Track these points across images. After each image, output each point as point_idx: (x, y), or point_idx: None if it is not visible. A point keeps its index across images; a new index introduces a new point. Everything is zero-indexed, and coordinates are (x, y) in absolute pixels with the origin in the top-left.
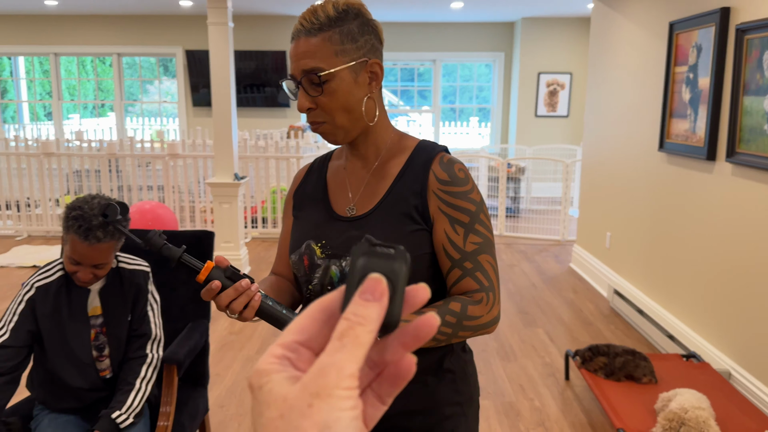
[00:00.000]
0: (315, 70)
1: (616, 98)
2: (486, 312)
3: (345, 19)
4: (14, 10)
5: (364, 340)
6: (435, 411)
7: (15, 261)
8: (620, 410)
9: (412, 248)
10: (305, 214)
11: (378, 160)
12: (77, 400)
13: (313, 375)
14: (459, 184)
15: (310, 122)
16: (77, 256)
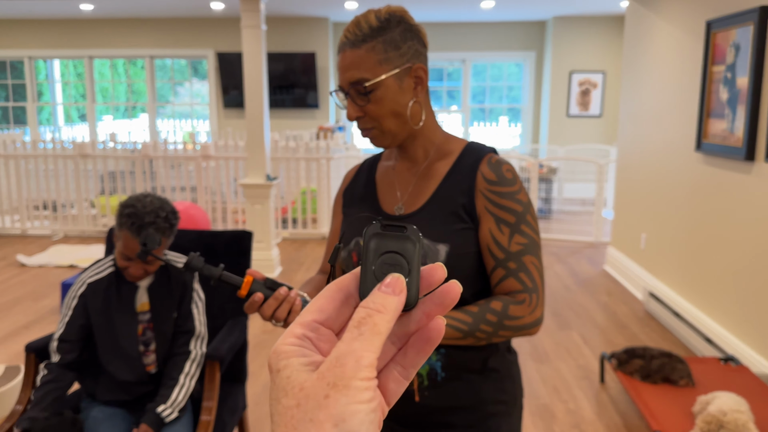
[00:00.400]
0: (360, 81)
1: (652, 98)
2: (528, 313)
3: (387, 28)
4: (51, 14)
5: (383, 329)
6: (479, 408)
7: (52, 260)
8: (657, 413)
9: (458, 246)
10: (354, 212)
11: (426, 160)
12: (124, 393)
13: (331, 364)
14: (506, 184)
15: (360, 129)
16: (129, 251)
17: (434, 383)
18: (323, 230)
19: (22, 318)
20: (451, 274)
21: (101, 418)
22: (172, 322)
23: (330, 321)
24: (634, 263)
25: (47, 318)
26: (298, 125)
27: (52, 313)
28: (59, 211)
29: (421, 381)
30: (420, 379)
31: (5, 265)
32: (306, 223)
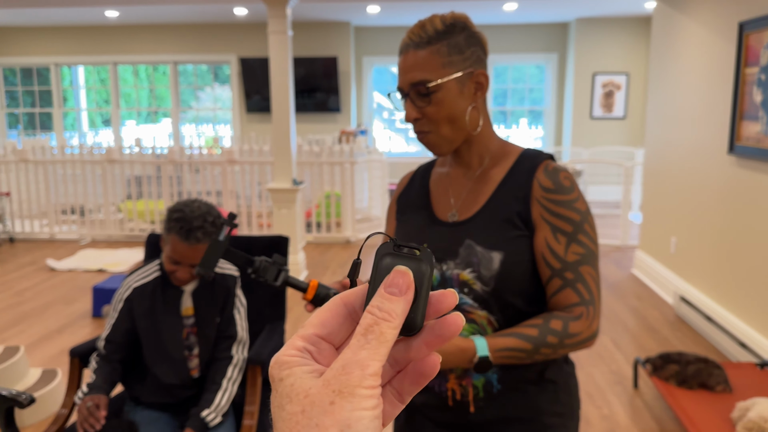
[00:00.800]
0: (423, 82)
1: (681, 100)
2: (586, 327)
3: (452, 32)
4: (77, 22)
5: (389, 337)
6: (535, 420)
7: (81, 265)
8: (696, 419)
9: (512, 254)
10: (408, 218)
11: (481, 167)
12: (169, 396)
13: (336, 372)
14: (564, 192)
15: (417, 132)
16: (177, 255)
17: (490, 395)
18: (347, 234)
19: (54, 322)
20: (506, 281)
21: (145, 422)
22: (215, 327)
23: (332, 336)
24: (663, 267)
25: (79, 322)
26: (319, 129)
27: (83, 317)
28: (86, 216)
29: (477, 392)
30: (475, 390)
31: (35, 270)
32: (330, 227)
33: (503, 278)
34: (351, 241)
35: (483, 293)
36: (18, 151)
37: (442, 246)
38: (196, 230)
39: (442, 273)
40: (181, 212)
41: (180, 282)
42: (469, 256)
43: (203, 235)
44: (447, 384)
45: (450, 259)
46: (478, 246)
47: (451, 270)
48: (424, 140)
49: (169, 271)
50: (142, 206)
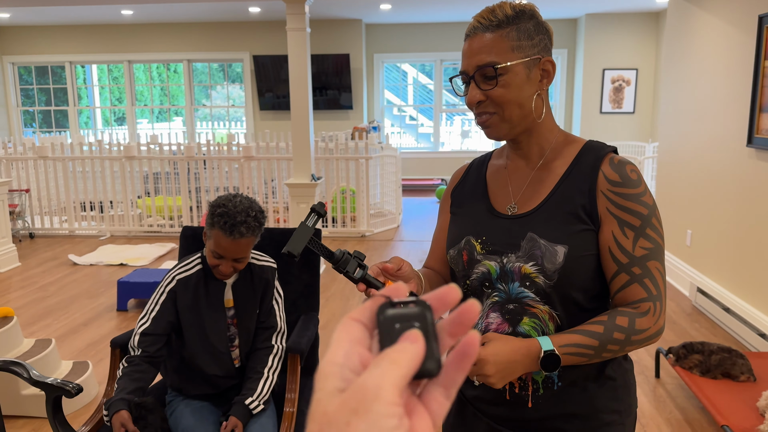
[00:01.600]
0: (491, 64)
1: (696, 93)
2: (653, 323)
3: (522, 18)
4: (91, 20)
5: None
6: (594, 416)
7: (102, 259)
8: (722, 408)
9: (577, 248)
10: (465, 211)
11: (542, 159)
12: (211, 387)
13: (353, 391)
14: (631, 185)
15: (479, 113)
16: (221, 250)
17: (550, 391)
18: (362, 228)
19: (80, 316)
20: (569, 276)
21: (189, 412)
22: (254, 318)
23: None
24: (679, 260)
25: (104, 315)
26: (332, 126)
27: (108, 311)
28: (105, 212)
29: (536, 388)
30: (535, 385)
31: (58, 264)
32: (345, 222)
33: (567, 272)
34: (366, 236)
35: (545, 287)
36: (37, 147)
37: (502, 238)
38: (240, 225)
39: (502, 266)
40: (225, 207)
41: (223, 276)
42: (532, 249)
43: (246, 229)
44: None
45: (511, 252)
46: (542, 239)
47: (512, 263)
48: (486, 122)
49: (213, 266)
50: (160, 202)
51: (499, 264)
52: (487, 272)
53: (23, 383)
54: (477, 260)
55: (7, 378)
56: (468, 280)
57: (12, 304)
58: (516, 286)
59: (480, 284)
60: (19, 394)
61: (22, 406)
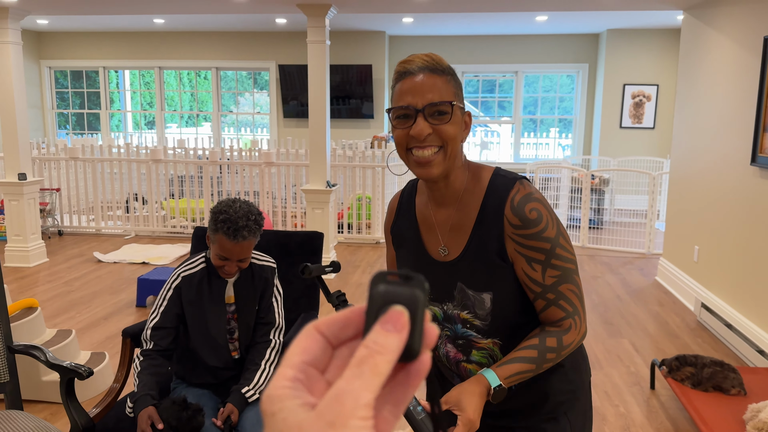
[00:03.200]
0: (448, 101)
1: (707, 111)
2: (577, 334)
3: (454, 73)
4: (126, 27)
5: (382, 370)
6: (549, 400)
7: (126, 258)
8: (708, 419)
9: (500, 292)
10: (404, 254)
11: (456, 202)
12: (212, 377)
13: (329, 402)
14: (530, 226)
15: (424, 147)
16: (225, 252)
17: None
18: (377, 235)
19: (101, 310)
20: (500, 314)
21: (191, 398)
22: (254, 314)
23: (316, 362)
24: (686, 275)
25: (124, 310)
26: (353, 134)
27: (128, 306)
28: (131, 212)
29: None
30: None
31: (83, 261)
32: (360, 228)
33: (497, 313)
34: (380, 242)
35: (483, 326)
36: (68, 149)
37: (439, 288)
38: (242, 229)
39: (444, 311)
40: (226, 213)
41: (228, 275)
42: (463, 300)
43: (248, 233)
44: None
45: (449, 301)
46: (469, 290)
47: (451, 310)
48: (433, 159)
49: (218, 266)
50: (183, 204)
51: (441, 309)
52: (433, 315)
53: (43, 370)
54: None
55: (27, 365)
56: None
57: (38, 297)
58: (459, 327)
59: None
60: (39, 380)
61: (41, 391)
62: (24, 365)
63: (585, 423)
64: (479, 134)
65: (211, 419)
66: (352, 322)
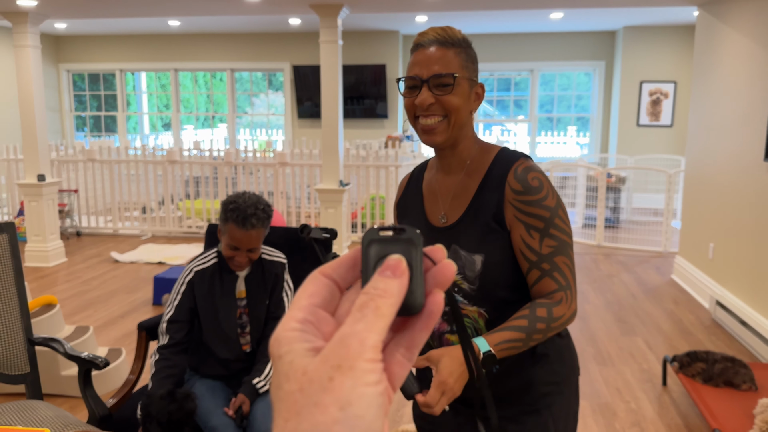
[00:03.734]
0: (451, 73)
1: (722, 108)
2: (567, 309)
3: (467, 46)
4: (142, 30)
5: (385, 312)
6: (532, 390)
7: (142, 257)
8: (717, 413)
9: (492, 255)
10: (407, 223)
11: (463, 171)
12: (224, 369)
13: (334, 346)
14: (533, 192)
15: (427, 116)
16: (235, 242)
17: (490, 375)
18: None
19: (118, 309)
20: (488, 279)
21: (204, 390)
22: (265, 308)
23: (325, 303)
24: (701, 272)
25: (141, 309)
26: (367, 134)
27: (145, 305)
28: (148, 213)
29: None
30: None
31: (100, 261)
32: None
33: (486, 277)
34: None
35: (470, 291)
36: (86, 151)
37: None
38: (251, 217)
39: None
40: (236, 203)
41: (238, 266)
42: (455, 260)
43: (257, 221)
44: None
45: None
46: (462, 250)
47: None
48: (435, 127)
49: (229, 257)
50: (199, 205)
51: None
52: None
53: (62, 365)
54: None
55: (48, 360)
56: None
57: (57, 296)
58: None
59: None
60: (59, 374)
61: (60, 385)
62: (44, 360)
63: (568, 422)
64: (495, 133)
65: (223, 409)
66: (358, 262)
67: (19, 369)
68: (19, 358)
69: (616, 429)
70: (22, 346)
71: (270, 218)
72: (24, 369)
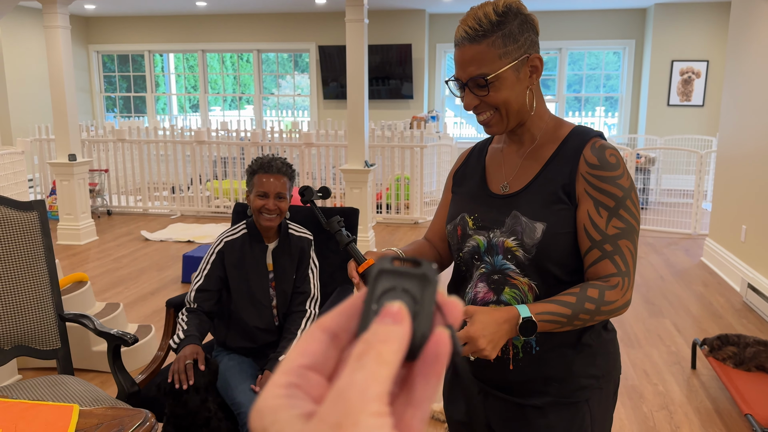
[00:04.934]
0: (481, 75)
1: (756, 88)
2: (621, 296)
3: (506, 21)
4: (169, 11)
5: (389, 358)
6: (571, 380)
7: (172, 236)
8: (749, 398)
9: (554, 225)
10: (463, 191)
11: (533, 144)
12: (251, 340)
13: (331, 402)
14: (608, 168)
15: (478, 113)
16: (263, 187)
17: (528, 355)
18: (415, 215)
19: (148, 286)
20: (546, 250)
21: (232, 365)
22: (291, 283)
23: (318, 365)
24: (732, 255)
25: (170, 286)
26: (392, 115)
27: (174, 282)
28: (177, 193)
29: (516, 352)
30: (515, 350)
31: (131, 239)
32: (399, 209)
33: (544, 247)
34: (419, 223)
35: (525, 260)
36: (115, 131)
37: (491, 216)
38: (275, 160)
39: (489, 240)
40: (260, 157)
41: (269, 219)
42: (514, 225)
43: (281, 164)
44: None
45: (497, 228)
46: (523, 217)
47: (497, 238)
48: (485, 121)
49: (258, 209)
50: (227, 185)
51: (486, 238)
52: (476, 246)
53: (93, 341)
54: (469, 235)
55: (79, 336)
56: (461, 253)
57: (88, 273)
58: (500, 259)
59: (470, 257)
60: (90, 350)
61: (91, 360)
62: (75, 336)
63: (605, 420)
64: None
65: (251, 386)
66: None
67: (50, 344)
68: (50, 333)
69: (643, 412)
70: (52, 322)
71: (293, 173)
72: (55, 344)
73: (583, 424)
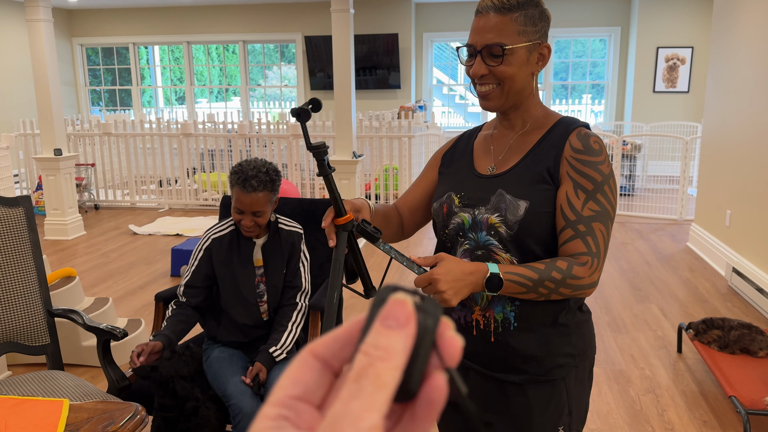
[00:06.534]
0: (500, 44)
1: (741, 73)
2: (588, 275)
3: (529, 4)
4: (154, 2)
5: (387, 380)
6: (548, 358)
7: (160, 230)
8: (733, 380)
9: (537, 204)
10: (451, 171)
11: (523, 129)
12: (242, 335)
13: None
14: (591, 154)
15: (480, 84)
16: (240, 204)
17: (507, 331)
18: None
19: (137, 280)
20: (528, 227)
21: (222, 358)
22: (281, 277)
23: (309, 394)
24: (717, 240)
25: (159, 280)
26: (380, 105)
27: (163, 276)
28: (164, 186)
29: (497, 325)
30: (496, 323)
31: (119, 234)
32: (388, 199)
33: (526, 224)
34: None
35: (507, 236)
36: (101, 124)
37: (477, 194)
38: (251, 179)
39: (474, 217)
40: (240, 167)
41: (247, 231)
42: (498, 203)
43: (258, 183)
44: (472, 315)
45: (482, 205)
46: (508, 195)
47: (482, 215)
48: (486, 93)
49: (236, 221)
50: (214, 178)
51: (471, 215)
52: (461, 223)
53: (83, 336)
54: (454, 212)
55: (68, 331)
56: (446, 230)
57: (77, 268)
58: (483, 235)
59: (455, 233)
60: (80, 345)
61: (81, 355)
62: (65, 331)
63: (581, 398)
64: None
65: (241, 377)
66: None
67: (39, 340)
68: (39, 329)
69: (630, 395)
70: (41, 318)
71: (276, 183)
72: (44, 340)
73: (561, 401)
